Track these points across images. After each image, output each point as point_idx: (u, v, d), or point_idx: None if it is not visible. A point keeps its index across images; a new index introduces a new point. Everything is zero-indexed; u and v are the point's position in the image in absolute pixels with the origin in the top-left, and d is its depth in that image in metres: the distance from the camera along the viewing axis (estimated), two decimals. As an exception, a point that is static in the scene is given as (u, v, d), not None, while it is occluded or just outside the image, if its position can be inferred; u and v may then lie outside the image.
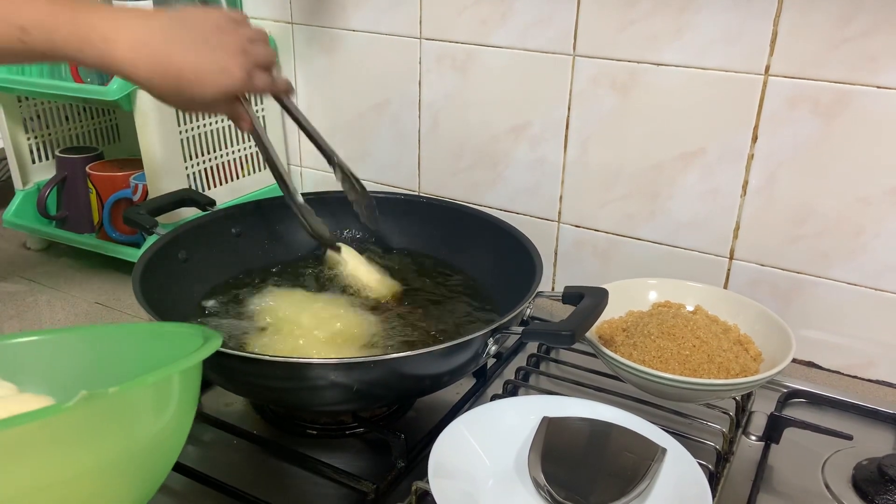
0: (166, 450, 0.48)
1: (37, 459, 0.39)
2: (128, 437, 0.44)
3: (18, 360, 0.58)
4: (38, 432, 0.38)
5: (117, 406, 0.42)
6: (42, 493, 0.40)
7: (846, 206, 0.77)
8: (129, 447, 0.44)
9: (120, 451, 0.43)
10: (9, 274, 1.05)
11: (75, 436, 0.40)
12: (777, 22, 0.75)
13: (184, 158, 0.96)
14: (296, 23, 1.07)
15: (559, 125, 0.91)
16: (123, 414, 0.43)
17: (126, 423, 0.43)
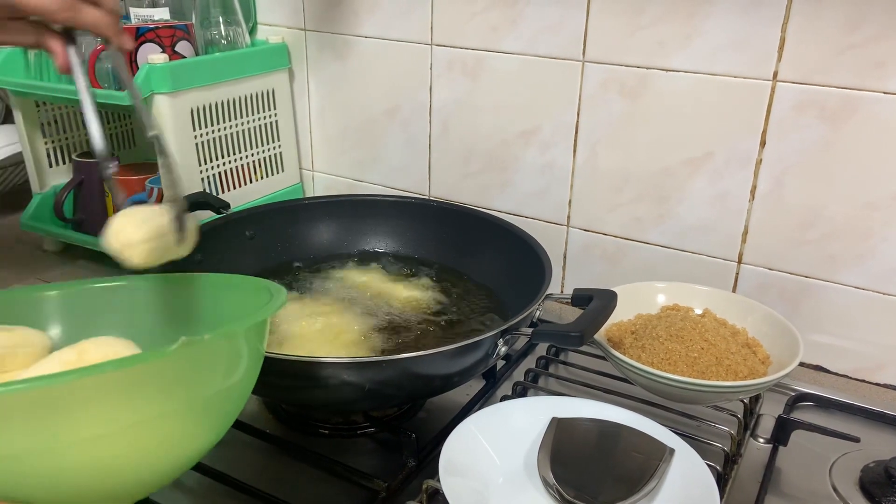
0: (239, 394, 0.51)
1: (138, 397, 0.42)
2: (214, 379, 0.46)
3: (99, 304, 0.61)
4: (143, 372, 0.41)
5: (209, 351, 0.45)
6: (136, 429, 0.42)
7: (854, 211, 0.78)
8: (214, 389, 0.47)
9: (206, 392, 0.46)
10: (25, 276, 1.06)
11: (173, 376, 0.43)
12: (785, 28, 0.76)
13: (198, 162, 0.98)
14: (308, 29, 1.08)
15: (568, 130, 0.92)
16: (213, 359, 0.46)
17: (214, 367, 0.46)
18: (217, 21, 1.02)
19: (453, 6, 0.95)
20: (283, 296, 0.53)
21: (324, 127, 1.13)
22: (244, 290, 0.60)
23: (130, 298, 0.62)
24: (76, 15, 0.56)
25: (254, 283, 0.60)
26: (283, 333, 0.74)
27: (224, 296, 0.62)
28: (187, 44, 0.98)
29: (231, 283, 0.63)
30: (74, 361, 0.50)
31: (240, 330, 0.47)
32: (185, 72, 0.94)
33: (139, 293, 0.63)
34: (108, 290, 0.63)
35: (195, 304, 0.62)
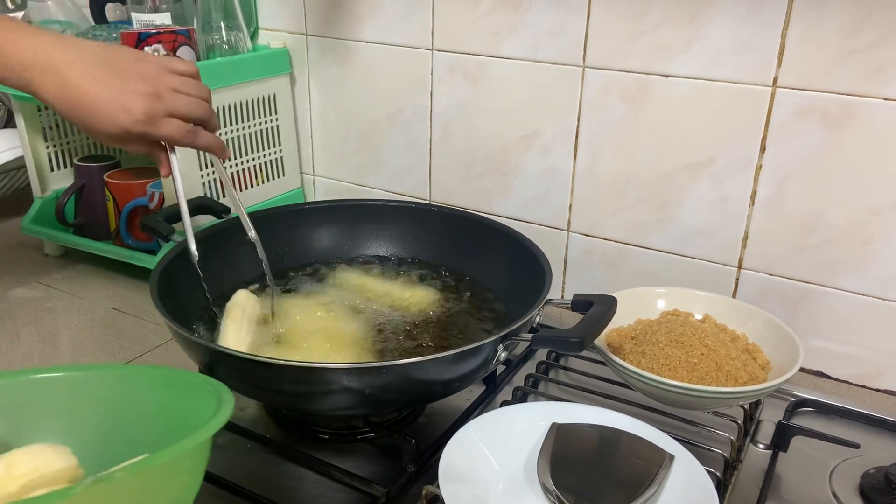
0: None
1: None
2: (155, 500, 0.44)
3: (39, 398, 0.58)
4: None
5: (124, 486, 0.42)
6: None
7: (854, 216, 0.78)
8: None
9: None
10: (27, 280, 1.07)
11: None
12: (785, 34, 0.76)
13: (199, 167, 0.98)
14: (310, 34, 1.09)
15: (569, 135, 0.92)
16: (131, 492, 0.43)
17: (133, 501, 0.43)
18: (219, 26, 1.02)
19: (454, 11, 0.95)
20: (228, 410, 0.50)
21: (325, 131, 1.14)
22: (194, 389, 0.56)
23: (74, 392, 0.58)
24: (195, 139, 0.69)
25: (206, 385, 0.56)
26: (283, 336, 0.75)
27: (173, 393, 0.58)
28: (189, 48, 0.98)
29: (182, 380, 0.59)
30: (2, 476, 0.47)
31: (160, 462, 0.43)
32: (187, 76, 0.94)
33: (84, 387, 0.59)
34: (49, 382, 0.58)
35: (143, 401, 0.58)
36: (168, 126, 0.67)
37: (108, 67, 0.64)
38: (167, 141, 0.69)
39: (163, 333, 0.92)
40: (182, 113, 0.68)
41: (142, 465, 0.43)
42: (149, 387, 0.59)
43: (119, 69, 0.65)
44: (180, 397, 0.57)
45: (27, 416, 0.56)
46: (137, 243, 1.03)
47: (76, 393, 0.58)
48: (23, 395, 0.57)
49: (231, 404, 0.51)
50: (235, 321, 0.73)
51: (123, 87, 0.64)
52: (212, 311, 0.78)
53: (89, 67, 0.63)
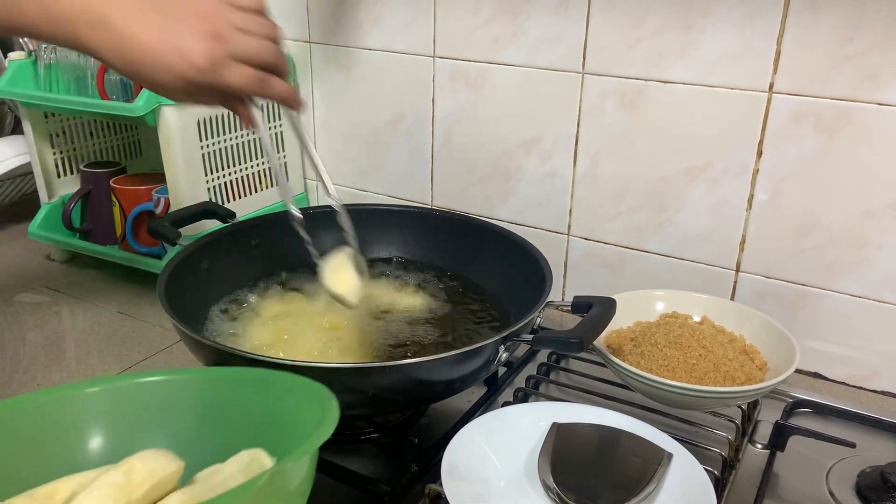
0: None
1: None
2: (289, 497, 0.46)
3: (138, 400, 0.58)
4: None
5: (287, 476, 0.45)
6: None
7: (850, 220, 0.79)
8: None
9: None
10: (33, 284, 1.08)
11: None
12: (780, 41, 0.77)
13: (205, 172, 0.99)
14: (313, 42, 1.10)
15: (569, 140, 0.93)
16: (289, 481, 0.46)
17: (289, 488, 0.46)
18: (223, 34, 1.03)
19: (455, 19, 0.96)
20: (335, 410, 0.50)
21: (328, 137, 1.15)
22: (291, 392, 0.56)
23: (168, 395, 0.59)
24: (267, 88, 0.61)
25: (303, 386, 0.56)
26: (286, 337, 0.76)
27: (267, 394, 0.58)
28: (194, 56, 0.99)
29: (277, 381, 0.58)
30: (124, 484, 0.48)
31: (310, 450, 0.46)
32: (192, 84, 0.96)
33: (177, 388, 0.59)
34: (146, 386, 0.59)
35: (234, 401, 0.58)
36: (235, 73, 0.58)
37: (161, 8, 0.56)
38: (236, 91, 0.60)
39: (169, 337, 0.93)
40: (249, 56, 0.59)
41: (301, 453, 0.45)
42: (242, 388, 0.59)
43: (174, 10, 0.56)
44: (274, 399, 0.57)
45: (128, 421, 0.57)
46: (143, 248, 1.05)
47: (171, 397, 0.59)
48: (123, 400, 0.58)
49: (335, 407, 0.51)
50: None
51: (178, 30, 0.56)
52: (218, 311, 0.79)
53: (140, 12, 0.56)
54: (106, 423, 0.57)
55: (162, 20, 0.56)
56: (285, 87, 0.63)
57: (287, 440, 0.51)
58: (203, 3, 0.58)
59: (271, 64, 0.61)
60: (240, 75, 0.59)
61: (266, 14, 0.62)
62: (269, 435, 0.53)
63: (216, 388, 0.59)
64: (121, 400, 0.58)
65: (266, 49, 0.60)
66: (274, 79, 0.62)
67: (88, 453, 0.56)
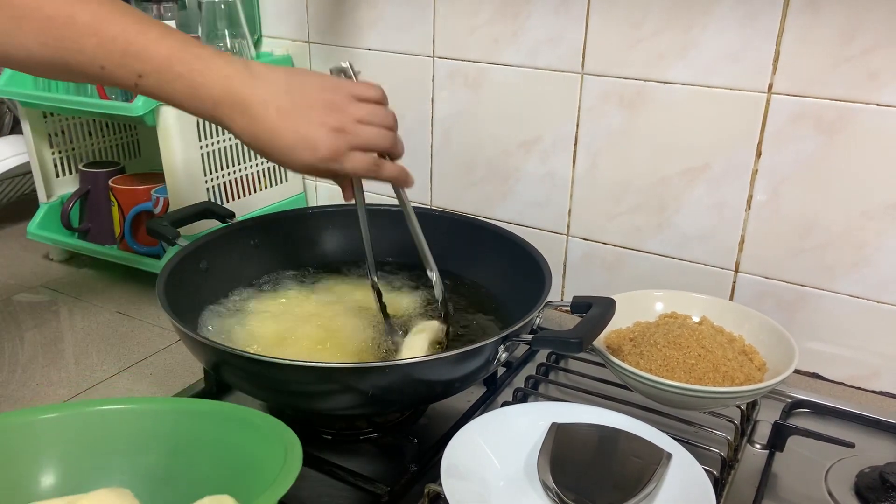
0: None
1: None
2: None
3: (100, 430, 0.56)
4: None
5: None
6: None
7: (849, 221, 0.79)
8: None
9: None
10: (32, 284, 1.08)
11: None
12: (779, 41, 0.77)
13: (204, 172, 0.99)
14: (313, 42, 1.10)
15: (568, 140, 0.93)
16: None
17: None
18: (223, 34, 1.03)
19: (455, 19, 0.97)
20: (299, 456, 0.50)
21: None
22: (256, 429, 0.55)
23: (134, 425, 0.57)
24: (380, 172, 0.67)
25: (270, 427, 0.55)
26: (285, 338, 0.76)
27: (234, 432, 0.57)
28: (193, 56, 0.99)
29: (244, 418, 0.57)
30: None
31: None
32: (192, 83, 0.96)
33: (144, 419, 0.57)
34: (111, 414, 0.57)
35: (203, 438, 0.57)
36: (352, 161, 0.64)
37: (293, 99, 0.62)
38: (352, 175, 0.67)
39: (167, 337, 0.93)
40: (367, 146, 0.65)
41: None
42: (209, 423, 0.57)
43: (304, 101, 0.63)
44: (241, 436, 0.56)
45: (89, 452, 0.55)
46: (142, 248, 1.05)
47: (136, 428, 0.57)
48: (85, 429, 0.56)
49: (299, 452, 0.50)
50: None
51: (308, 122, 0.62)
52: (217, 310, 0.79)
53: (275, 99, 0.62)
54: (64, 454, 0.55)
55: (293, 110, 0.62)
56: (396, 170, 0.69)
57: (253, 483, 0.49)
58: (331, 95, 0.64)
59: (387, 150, 0.68)
60: (358, 163, 0.65)
61: (385, 103, 0.68)
62: (236, 476, 0.52)
63: (185, 422, 0.57)
64: (82, 428, 0.55)
65: (383, 138, 0.67)
66: (386, 163, 0.68)
67: (42, 486, 0.54)
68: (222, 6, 1.02)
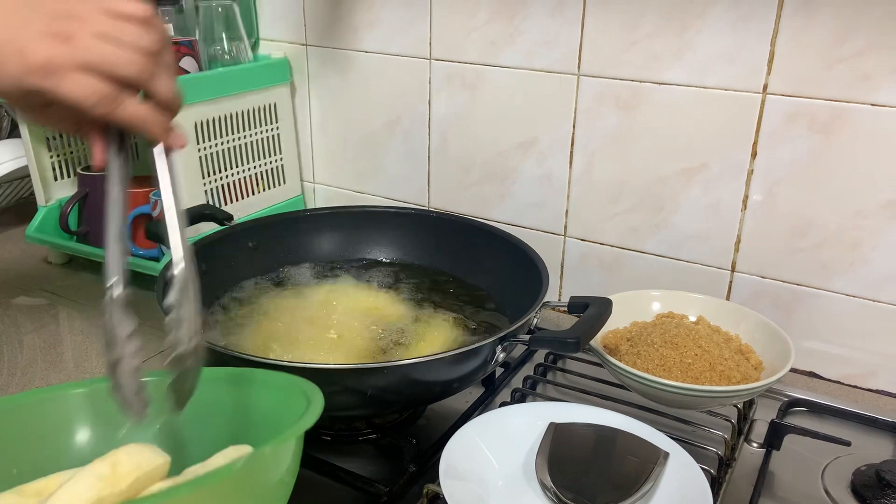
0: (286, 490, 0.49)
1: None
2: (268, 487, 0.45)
3: None
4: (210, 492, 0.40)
5: (266, 462, 0.44)
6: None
7: (844, 220, 0.79)
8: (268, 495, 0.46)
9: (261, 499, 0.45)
10: (30, 287, 1.08)
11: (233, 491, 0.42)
12: (774, 42, 0.78)
13: (202, 175, 1.00)
14: (310, 44, 1.10)
15: (565, 142, 0.94)
16: (268, 468, 0.45)
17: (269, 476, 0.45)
18: (220, 37, 1.04)
19: (452, 21, 0.97)
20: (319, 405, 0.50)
21: (325, 140, 1.15)
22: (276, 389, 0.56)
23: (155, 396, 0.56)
24: (116, 109, 0.48)
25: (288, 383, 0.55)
26: (284, 340, 0.76)
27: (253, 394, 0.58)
28: (191, 59, 1.00)
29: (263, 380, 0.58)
30: (109, 475, 0.47)
31: (292, 437, 0.45)
32: (190, 87, 0.96)
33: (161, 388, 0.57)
34: None
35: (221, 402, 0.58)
36: (73, 82, 0.46)
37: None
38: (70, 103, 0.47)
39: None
40: (100, 65, 0.47)
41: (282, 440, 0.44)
42: (227, 389, 0.59)
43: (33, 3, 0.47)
44: (261, 397, 0.57)
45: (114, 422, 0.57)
46: (141, 251, 1.05)
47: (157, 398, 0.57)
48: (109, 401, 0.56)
49: (321, 401, 0.50)
50: None
51: (25, 24, 0.46)
52: (215, 311, 0.80)
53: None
54: (93, 423, 0.58)
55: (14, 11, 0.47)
56: (142, 110, 0.49)
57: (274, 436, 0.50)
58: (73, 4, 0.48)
59: (133, 77, 0.48)
60: (79, 86, 0.47)
61: (152, 24, 0.49)
62: (257, 433, 0.53)
63: (203, 389, 0.57)
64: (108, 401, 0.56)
65: (127, 61, 0.48)
66: (129, 99, 0.49)
67: (77, 452, 0.57)
68: (219, 9, 1.03)
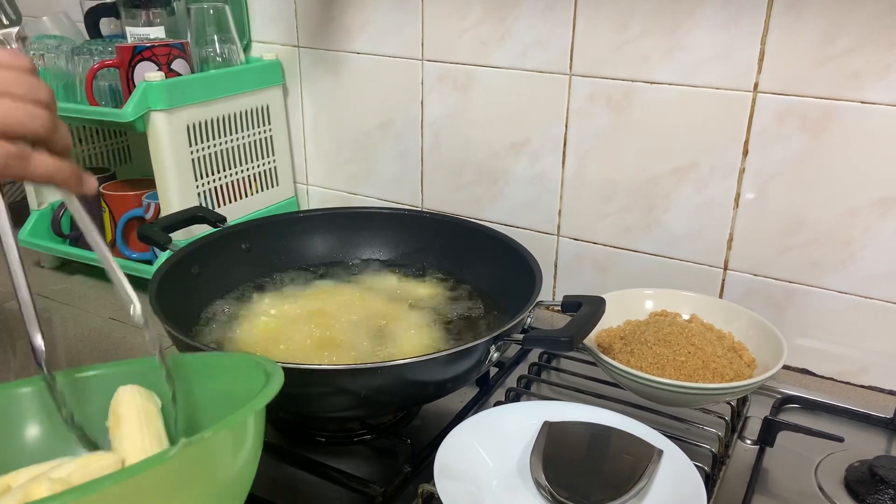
0: (240, 490, 0.48)
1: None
2: (212, 478, 0.44)
3: (82, 394, 0.58)
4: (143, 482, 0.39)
5: (207, 449, 0.43)
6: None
7: (835, 217, 0.80)
8: (213, 489, 0.44)
9: (205, 494, 0.44)
10: (23, 291, 1.07)
11: (172, 482, 0.41)
12: (764, 41, 0.78)
13: (195, 177, 0.99)
14: (302, 46, 1.10)
15: (557, 142, 0.94)
16: (216, 454, 0.44)
17: (216, 463, 0.44)
18: (212, 39, 1.04)
19: (443, 22, 0.97)
20: (280, 376, 0.50)
21: (318, 141, 1.15)
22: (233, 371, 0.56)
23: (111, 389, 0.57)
24: (27, 168, 0.47)
25: (245, 362, 0.55)
26: (278, 341, 0.76)
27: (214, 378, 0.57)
28: (183, 61, 1.00)
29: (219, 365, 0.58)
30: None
31: (241, 419, 0.44)
32: (182, 89, 0.96)
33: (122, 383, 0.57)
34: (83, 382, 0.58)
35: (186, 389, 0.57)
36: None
37: None
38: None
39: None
40: (5, 127, 0.45)
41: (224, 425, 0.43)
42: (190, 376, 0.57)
43: None
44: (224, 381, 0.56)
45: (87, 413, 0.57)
46: (134, 254, 1.05)
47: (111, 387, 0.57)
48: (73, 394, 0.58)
49: (280, 375, 0.50)
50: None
51: None
52: (208, 315, 0.80)
53: None
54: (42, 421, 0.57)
55: None
56: (53, 165, 0.48)
57: None
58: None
59: (36, 134, 0.47)
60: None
61: (33, 73, 0.47)
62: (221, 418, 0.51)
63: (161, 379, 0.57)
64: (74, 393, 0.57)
65: (28, 115, 0.46)
66: (38, 155, 0.47)
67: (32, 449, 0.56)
68: (211, 11, 1.02)
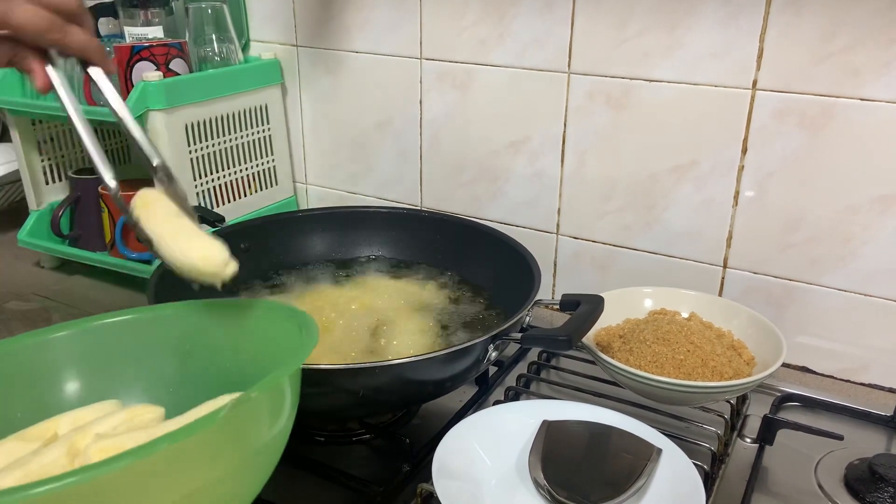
0: (278, 445, 0.48)
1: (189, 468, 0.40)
2: (261, 433, 0.45)
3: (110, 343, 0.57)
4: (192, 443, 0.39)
5: (256, 407, 0.43)
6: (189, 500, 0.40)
7: (835, 215, 0.80)
8: (262, 442, 0.45)
9: (255, 446, 0.44)
10: (23, 292, 1.07)
11: (222, 440, 0.41)
12: (763, 38, 0.78)
13: (193, 177, 0.99)
14: (301, 45, 1.10)
15: (556, 140, 0.94)
16: (260, 413, 0.44)
17: (261, 421, 0.44)
18: (210, 38, 1.04)
19: (442, 21, 0.97)
20: (316, 330, 0.49)
21: (316, 140, 1.15)
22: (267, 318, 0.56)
23: (144, 334, 0.57)
24: (65, 37, 0.53)
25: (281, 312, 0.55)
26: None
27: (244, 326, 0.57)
28: (181, 61, 1.00)
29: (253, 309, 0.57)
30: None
31: (283, 379, 0.44)
32: (180, 89, 0.96)
33: (153, 327, 0.58)
34: (120, 326, 0.58)
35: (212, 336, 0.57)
36: (22, 10, 0.50)
37: None
38: (22, 33, 0.52)
39: (159, 342, 0.93)
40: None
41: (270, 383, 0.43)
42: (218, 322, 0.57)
43: None
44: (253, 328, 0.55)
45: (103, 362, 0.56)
46: (133, 254, 1.05)
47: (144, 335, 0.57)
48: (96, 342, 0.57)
49: (316, 326, 0.50)
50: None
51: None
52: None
53: None
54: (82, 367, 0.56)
55: None
56: (85, 38, 0.54)
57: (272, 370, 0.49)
58: None
59: (68, 9, 0.53)
60: (31, 14, 0.51)
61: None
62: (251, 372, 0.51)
63: (192, 324, 0.57)
64: (95, 342, 0.57)
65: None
66: (73, 27, 0.53)
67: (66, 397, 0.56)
68: (209, 11, 1.02)
